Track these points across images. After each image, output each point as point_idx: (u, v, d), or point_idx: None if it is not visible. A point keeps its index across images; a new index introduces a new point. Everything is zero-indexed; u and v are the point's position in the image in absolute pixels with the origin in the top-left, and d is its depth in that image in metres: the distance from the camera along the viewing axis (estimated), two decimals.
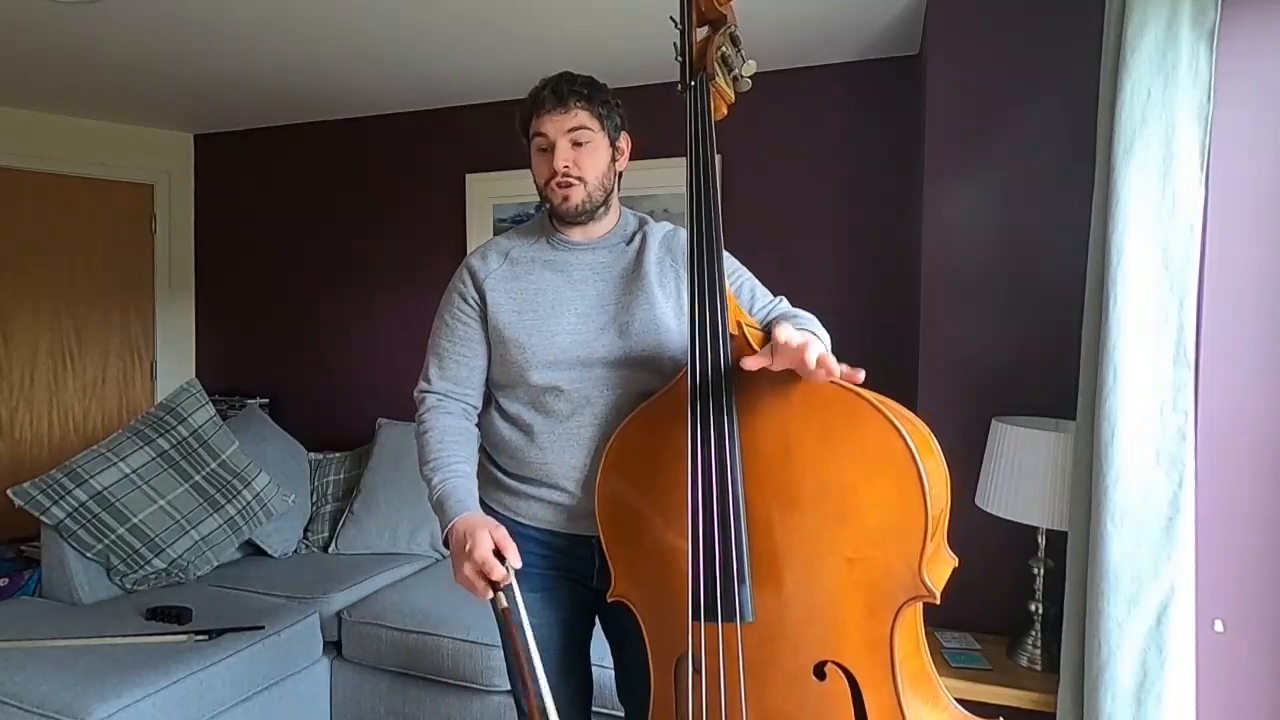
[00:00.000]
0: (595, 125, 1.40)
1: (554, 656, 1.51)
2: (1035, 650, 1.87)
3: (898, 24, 2.39)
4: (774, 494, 1.17)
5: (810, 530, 1.15)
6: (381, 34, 2.48)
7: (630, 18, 2.34)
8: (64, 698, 1.94)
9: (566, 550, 1.47)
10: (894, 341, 2.63)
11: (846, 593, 1.14)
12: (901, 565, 1.10)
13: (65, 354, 3.53)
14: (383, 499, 2.95)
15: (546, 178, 1.41)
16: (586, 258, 1.46)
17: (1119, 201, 1.52)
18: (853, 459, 1.12)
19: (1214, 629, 1.53)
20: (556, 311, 1.42)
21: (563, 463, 1.41)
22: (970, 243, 2.08)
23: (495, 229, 3.26)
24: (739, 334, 1.22)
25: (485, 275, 1.46)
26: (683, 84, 1.30)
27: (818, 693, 1.16)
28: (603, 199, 1.44)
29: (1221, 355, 1.52)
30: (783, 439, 1.16)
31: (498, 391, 1.51)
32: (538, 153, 1.43)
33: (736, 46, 1.30)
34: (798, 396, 1.16)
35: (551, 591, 1.50)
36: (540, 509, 1.46)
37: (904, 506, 1.09)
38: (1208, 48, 1.45)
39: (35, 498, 2.48)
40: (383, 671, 2.46)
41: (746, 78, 1.32)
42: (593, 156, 1.40)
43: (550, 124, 1.38)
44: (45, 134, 3.41)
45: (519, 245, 1.50)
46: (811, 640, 1.16)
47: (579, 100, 1.38)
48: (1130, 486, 1.51)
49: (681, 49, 1.30)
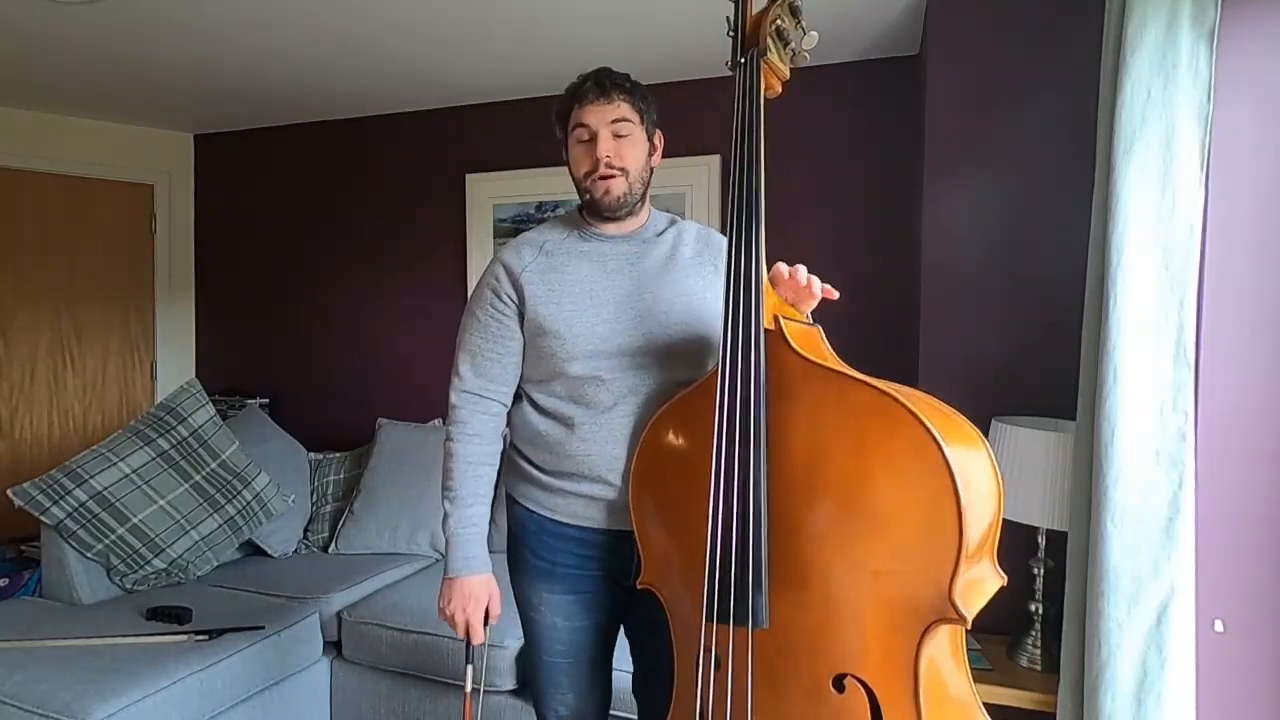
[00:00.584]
0: (636, 118, 1.41)
1: (585, 663, 1.52)
2: (1035, 650, 1.87)
3: (898, 24, 2.39)
4: (802, 500, 1.12)
5: (836, 540, 1.10)
6: (382, 34, 2.48)
7: (628, 19, 2.34)
8: (64, 698, 1.94)
9: (608, 547, 1.44)
10: (894, 341, 2.63)
11: (871, 606, 1.08)
12: (930, 584, 1.04)
13: (65, 354, 3.53)
14: (383, 499, 2.95)
15: (588, 169, 1.41)
16: (621, 248, 1.46)
17: (1119, 201, 1.52)
18: (885, 470, 1.06)
19: (1214, 629, 1.53)
20: (595, 301, 1.41)
21: (605, 454, 1.39)
22: (970, 242, 2.08)
23: (495, 229, 3.26)
24: (775, 328, 1.16)
25: (521, 269, 1.44)
26: (733, 60, 1.24)
27: (835, 705, 1.11)
28: (640, 193, 1.45)
29: (1221, 355, 1.52)
30: (814, 443, 1.11)
31: (532, 387, 1.49)
32: (578, 144, 1.42)
33: (796, 18, 1.21)
34: (834, 400, 1.10)
35: (589, 595, 1.48)
36: (580, 505, 1.43)
37: (936, 524, 1.03)
38: (1208, 48, 1.45)
39: (35, 498, 2.48)
40: (383, 671, 2.45)
41: (805, 51, 1.22)
42: (634, 149, 1.41)
43: (593, 114, 1.38)
44: (45, 134, 3.41)
45: (551, 238, 1.48)
46: (832, 651, 1.11)
47: (621, 92, 1.39)
48: (1130, 486, 1.51)
49: (735, 22, 1.23)
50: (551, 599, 1.48)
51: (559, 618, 1.49)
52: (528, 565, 1.51)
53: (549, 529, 1.46)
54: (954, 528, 1.02)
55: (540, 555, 1.48)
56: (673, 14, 2.31)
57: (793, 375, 1.12)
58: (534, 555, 1.49)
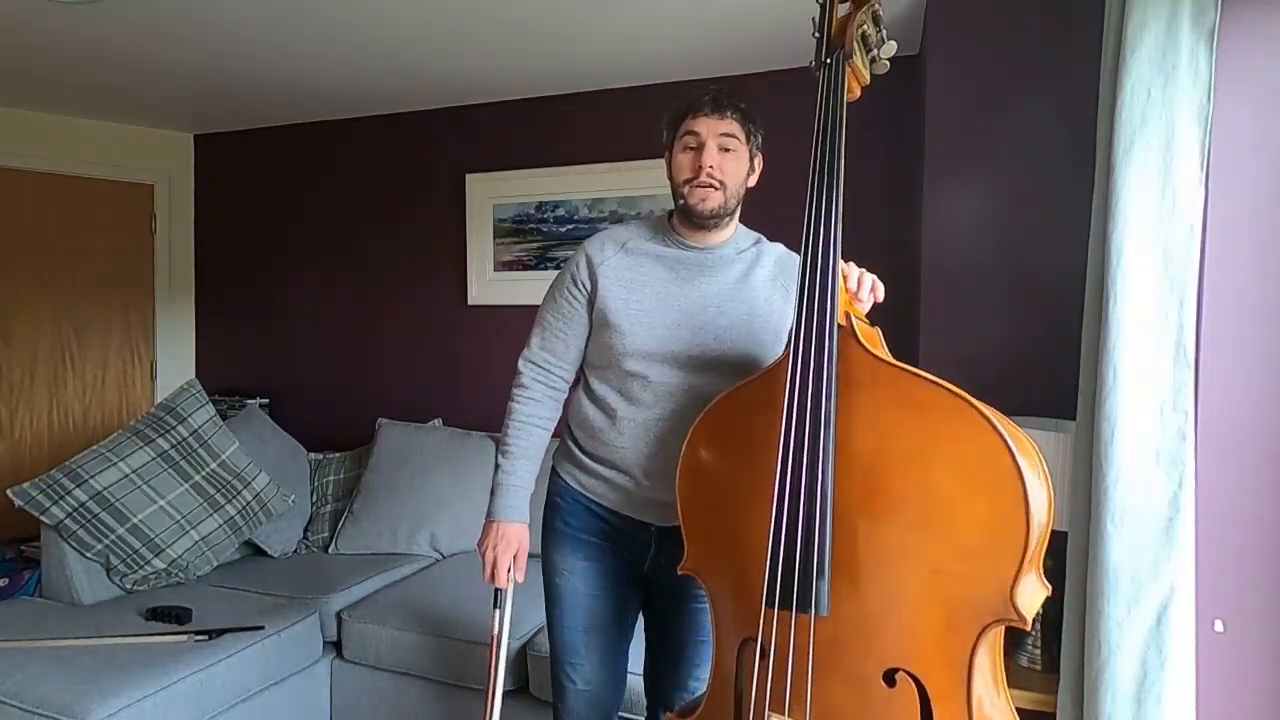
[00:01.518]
0: (743, 137, 1.49)
1: (599, 636, 1.62)
2: (1035, 650, 1.86)
3: (898, 24, 2.39)
4: (864, 493, 1.13)
5: (897, 536, 1.10)
6: (382, 34, 2.48)
7: (625, 21, 2.34)
8: (64, 698, 1.94)
9: (626, 531, 1.58)
10: (894, 341, 2.61)
11: (929, 604, 1.09)
12: (992, 586, 1.05)
13: (65, 354, 3.53)
14: (383, 499, 2.95)
15: (689, 175, 1.48)
16: (699, 259, 1.54)
17: (1119, 201, 1.52)
18: (951, 470, 1.06)
19: (1214, 629, 1.53)
20: (662, 305, 1.51)
21: (636, 450, 1.51)
22: (970, 242, 2.08)
23: (495, 229, 3.26)
24: (847, 324, 1.19)
25: (601, 262, 1.54)
26: (817, 61, 1.26)
27: (884, 698, 1.12)
28: (733, 209, 1.53)
29: (1221, 355, 1.52)
30: (880, 438, 1.12)
31: (591, 371, 1.60)
32: (684, 151, 1.49)
33: (878, 26, 1.25)
34: (901, 396, 1.12)
35: (603, 562, 1.61)
36: (606, 490, 1.57)
37: (1002, 527, 1.03)
38: (1208, 48, 1.45)
39: (35, 498, 2.48)
40: (383, 671, 2.46)
41: (885, 59, 1.27)
42: (736, 164, 1.49)
43: (705, 125, 1.47)
44: (45, 134, 3.41)
45: (635, 238, 1.58)
46: (886, 645, 1.12)
47: (735, 112, 1.48)
48: (1130, 486, 1.51)
49: (820, 24, 1.26)
50: (575, 564, 1.61)
51: (580, 583, 1.61)
52: (558, 532, 1.64)
53: (581, 502, 1.61)
54: (1019, 531, 1.02)
55: (570, 524, 1.63)
56: (673, 16, 2.31)
57: (861, 370, 1.15)
58: (565, 524, 1.63)
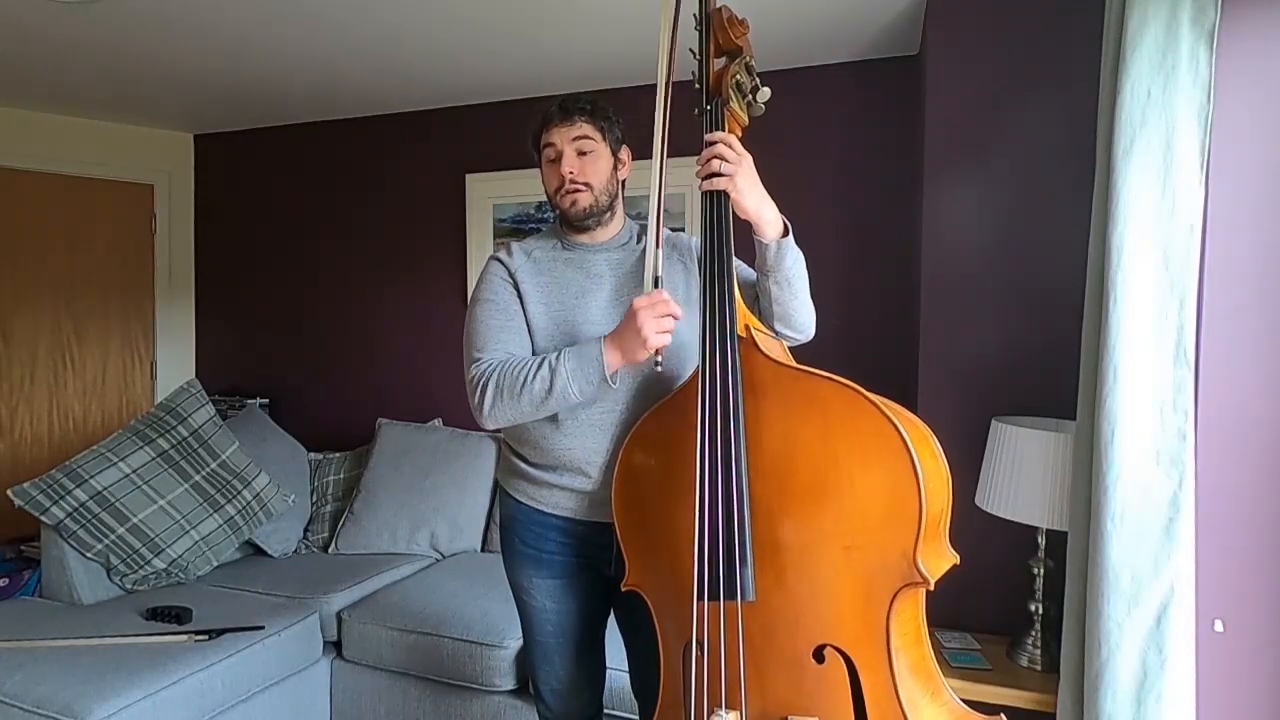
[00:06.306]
0: (598, 136, 1.54)
1: (572, 641, 1.63)
2: (1035, 650, 1.87)
3: (898, 24, 2.39)
4: (776, 486, 1.24)
5: (809, 520, 1.21)
6: (381, 34, 2.48)
7: (625, 22, 2.34)
8: (64, 698, 1.94)
9: (586, 537, 1.55)
10: (894, 341, 2.63)
11: (845, 579, 1.19)
12: (896, 552, 1.16)
13: (65, 354, 3.53)
14: (383, 499, 2.95)
15: (556, 185, 1.54)
16: (599, 255, 1.58)
17: (1119, 201, 1.52)
18: (851, 453, 1.18)
19: (1214, 629, 1.53)
20: (581, 302, 1.53)
21: (585, 448, 1.49)
22: (970, 243, 2.08)
23: (495, 229, 3.26)
24: (747, 335, 1.30)
25: (515, 268, 1.56)
26: (699, 108, 1.42)
27: (816, 675, 1.22)
28: (608, 204, 1.57)
29: (1221, 355, 1.52)
30: (785, 435, 1.24)
31: None
32: (547, 163, 1.56)
33: (751, 75, 1.41)
34: (801, 396, 1.23)
35: (571, 580, 1.59)
36: (563, 497, 1.54)
37: (898, 495, 1.15)
38: (1208, 48, 1.45)
39: (35, 498, 2.48)
40: (383, 671, 2.46)
41: (761, 104, 1.42)
42: (595, 164, 1.53)
43: (558, 134, 1.52)
44: (45, 134, 3.41)
45: (537, 247, 1.62)
46: (811, 624, 1.22)
47: (582, 114, 1.53)
48: (1130, 486, 1.51)
49: (699, 77, 1.41)
50: (540, 583, 1.60)
51: (548, 600, 1.60)
52: (518, 553, 1.62)
53: (535, 519, 1.57)
54: (913, 496, 1.14)
55: (529, 543, 1.59)
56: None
57: (764, 376, 1.26)
58: (523, 543, 1.60)
